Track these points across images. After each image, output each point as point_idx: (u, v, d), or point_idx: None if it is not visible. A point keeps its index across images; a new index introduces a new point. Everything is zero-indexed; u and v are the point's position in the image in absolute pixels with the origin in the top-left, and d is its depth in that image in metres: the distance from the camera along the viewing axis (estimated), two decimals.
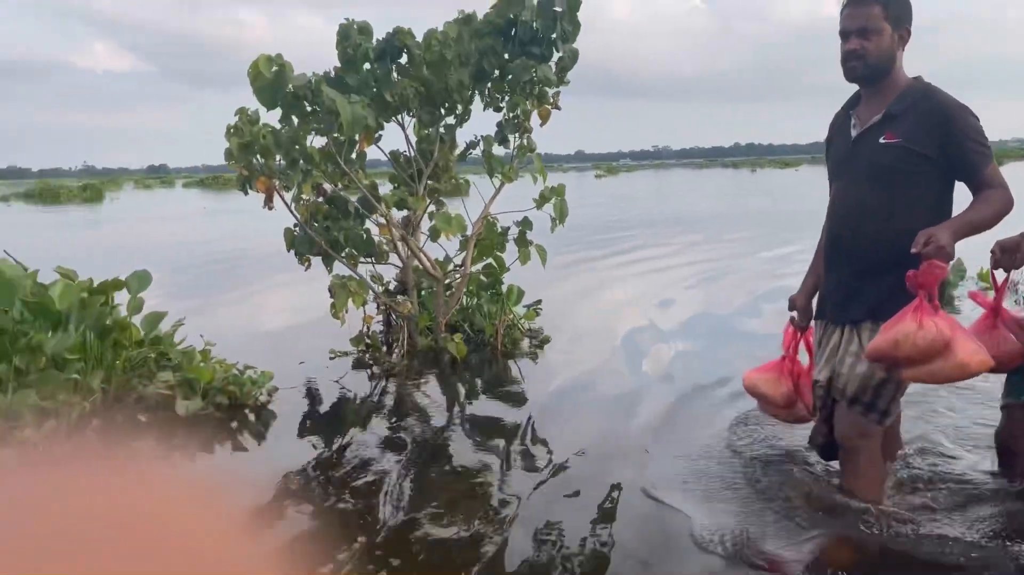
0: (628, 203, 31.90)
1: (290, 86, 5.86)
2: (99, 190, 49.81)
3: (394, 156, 7.22)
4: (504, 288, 7.17)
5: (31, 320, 4.98)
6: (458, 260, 6.97)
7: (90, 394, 4.96)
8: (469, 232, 6.70)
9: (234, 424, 5.19)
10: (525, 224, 6.78)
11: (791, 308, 3.83)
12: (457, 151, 7.20)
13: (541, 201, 6.60)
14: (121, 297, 5.62)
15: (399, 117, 6.81)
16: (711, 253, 13.55)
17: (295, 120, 6.05)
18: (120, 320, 5.27)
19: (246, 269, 13.30)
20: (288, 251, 7.03)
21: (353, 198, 6.92)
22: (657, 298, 9.39)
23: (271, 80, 5.79)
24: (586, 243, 14.21)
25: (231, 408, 5.25)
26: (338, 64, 6.80)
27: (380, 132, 6.58)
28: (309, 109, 6.12)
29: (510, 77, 6.68)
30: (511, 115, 6.60)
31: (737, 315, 8.31)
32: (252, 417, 5.27)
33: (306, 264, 7.13)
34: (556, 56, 6.63)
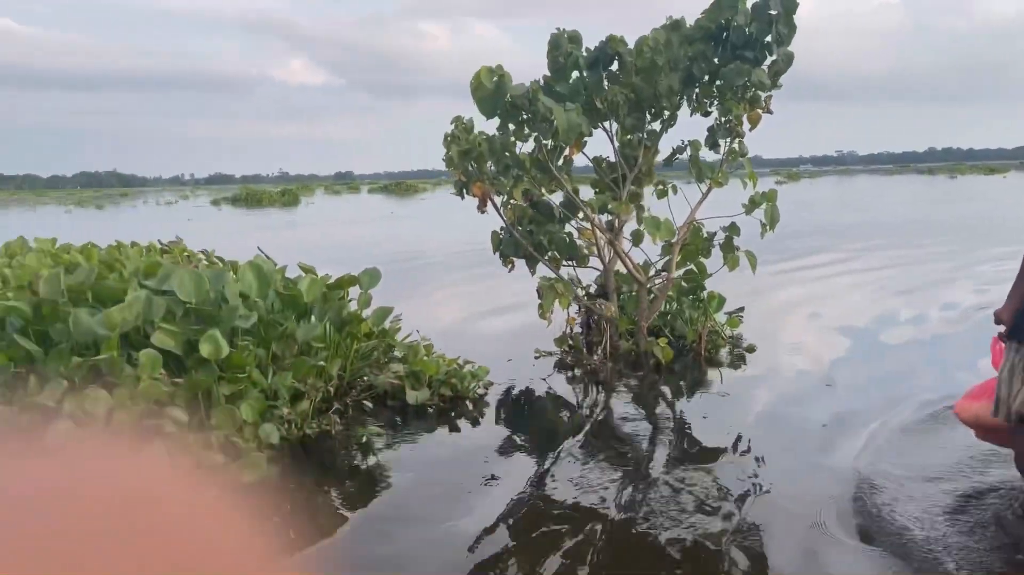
0: (814, 210, 30.45)
1: (508, 95, 6.13)
2: (295, 195, 53.74)
3: (597, 161, 7.37)
4: (705, 294, 7.11)
5: (280, 310, 5.52)
6: (660, 264, 6.99)
7: (329, 380, 5.44)
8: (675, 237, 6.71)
9: (454, 413, 5.50)
10: (732, 229, 6.71)
11: (997, 322, 3.48)
12: (659, 156, 7.25)
13: (751, 206, 6.51)
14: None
15: (605, 123, 6.94)
16: (903, 262, 12.79)
17: (511, 127, 6.31)
18: (354, 314, 5.72)
19: (436, 268, 13.94)
20: (494, 253, 7.35)
21: (556, 202, 7.13)
22: (849, 307, 9.13)
23: (492, 90, 6.09)
24: (775, 250, 13.77)
25: (453, 399, 5.57)
26: (546, 72, 7.05)
27: (587, 138, 6.74)
28: (523, 117, 6.38)
29: (719, 82, 6.64)
30: (723, 120, 6.55)
31: (929, 325, 7.99)
32: (471, 407, 5.57)
33: (509, 266, 7.43)
34: (769, 60, 6.53)
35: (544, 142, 6.40)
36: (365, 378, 5.75)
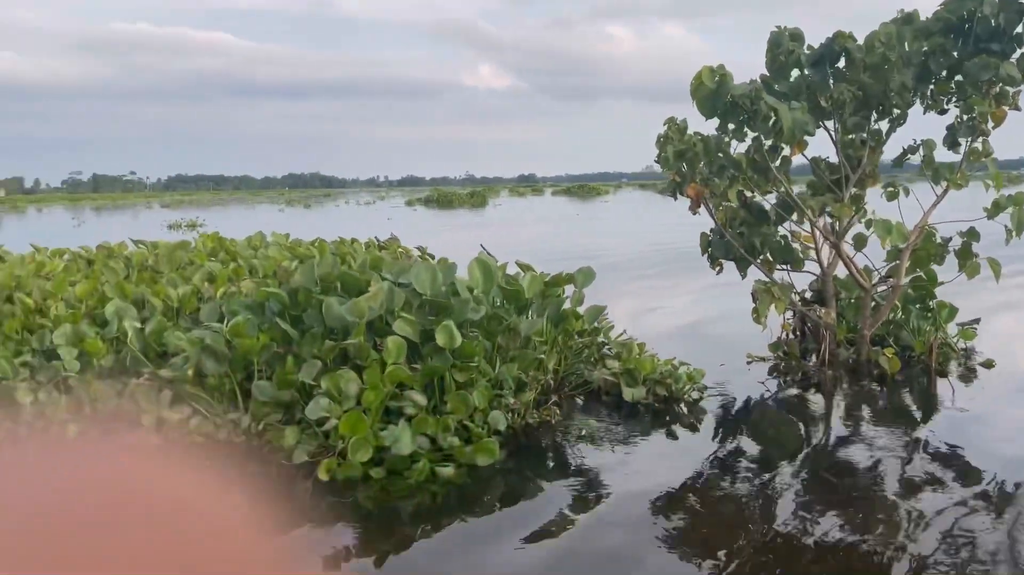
0: None
1: (729, 95, 6.05)
2: (483, 196, 55.64)
3: (815, 162, 7.10)
4: (934, 303, 6.67)
5: (502, 305, 5.78)
6: (885, 270, 6.64)
7: (545, 373, 5.62)
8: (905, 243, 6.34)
9: (668, 415, 5.52)
10: (971, 235, 6.24)
11: None
12: (881, 156, 6.88)
13: (995, 210, 6.03)
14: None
15: (829, 123, 6.68)
16: None
17: (731, 127, 6.24)
18: (570, 310, 5.88)
19: (629, 267, 13.94)
20: (702, 255, 7.28)
21: (767, 205, 6.95)
22: None
23: (712, 90, 6.04)
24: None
25: (667, 400, 5.59)
26: (763, 71, 6.88)
27: (809, 138, 6.52)
28: (743, 117, 6.28)
29: (958, 77, 6.21)
30: (964, 117, 6.12)
31: None
32: (685, 410, 5.56)
33: (718, 268, 7.33)
34: (1018, 52, 6.03)
35: (764, 142, 6.27)
36: (579, 373, 5.90)
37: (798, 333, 7.01)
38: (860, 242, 6.64)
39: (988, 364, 6.38)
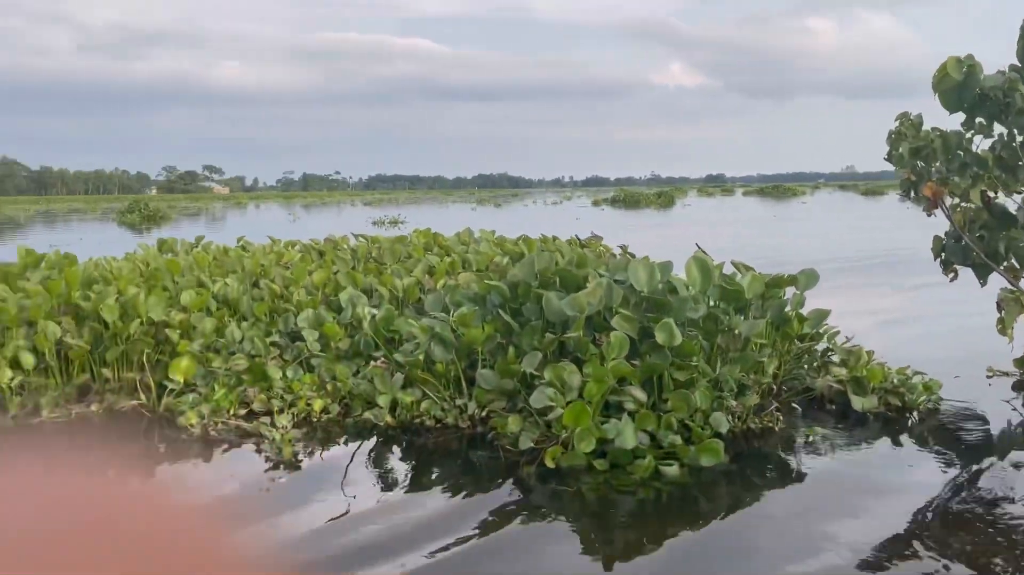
0: None
1: (978, 88, 5.60)
2: (671, 197, 54.80)
3: None
4: None
5: (718, 305, 5.67)
6: None
7: (765, 377, 5.45)
8: None
9: (898, 426, 5.19)
10: None
11: None
12: None
13: None
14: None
15: None
16: None
17: (979, 122, 5.77)
18: (793, 313, 5.66)
19: (840, 272, 13.20)
20: (935, 260, 6.78)
21: (1014, 206, 6.35)
22: None
23: (959, 82, 5.61)
24: None
25: (899, 410, 5.27)
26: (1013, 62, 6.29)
27: None
28: (992, 111, 5.78)
29: None
30: None
31: None
32: (918, 421, 5.22)
33: (952, 274, 6.79)
34: None
35: (1016, 137, 5.75)
36: (800, 379, 5.68)
37: None
38: None
39: None
